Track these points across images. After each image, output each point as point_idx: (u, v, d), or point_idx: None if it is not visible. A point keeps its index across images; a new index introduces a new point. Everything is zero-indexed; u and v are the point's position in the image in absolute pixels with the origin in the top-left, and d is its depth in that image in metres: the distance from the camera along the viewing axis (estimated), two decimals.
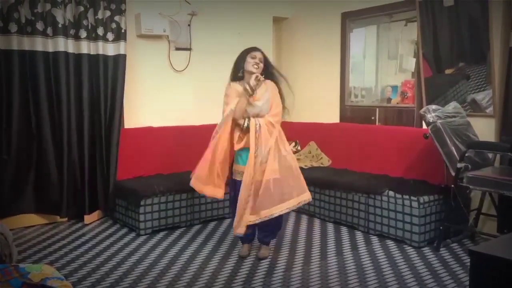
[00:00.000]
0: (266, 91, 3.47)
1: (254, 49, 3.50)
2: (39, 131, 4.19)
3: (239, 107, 3.40)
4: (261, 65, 3.47)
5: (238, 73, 3.51)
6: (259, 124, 3.39)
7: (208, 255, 3.64)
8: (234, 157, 3.58)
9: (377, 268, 3.36)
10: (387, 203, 3.93)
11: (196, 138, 4.80)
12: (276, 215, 3.37)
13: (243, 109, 3.40)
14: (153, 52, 4.82)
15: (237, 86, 3.49)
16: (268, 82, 3.50)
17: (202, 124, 4.92)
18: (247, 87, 3.37)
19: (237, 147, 3.48)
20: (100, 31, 4.33)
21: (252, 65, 3.43)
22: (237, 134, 3.48)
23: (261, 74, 3.44)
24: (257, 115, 3.43)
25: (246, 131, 3.42)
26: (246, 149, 3.43)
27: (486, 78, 3.97)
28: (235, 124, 3.47)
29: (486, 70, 3.95)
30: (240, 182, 3.44)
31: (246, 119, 3.42)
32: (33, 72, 4.10)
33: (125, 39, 4.42)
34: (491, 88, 3.94)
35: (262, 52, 3.51)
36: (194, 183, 3.54)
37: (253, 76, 3.38)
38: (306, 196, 3.45)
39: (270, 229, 3.59)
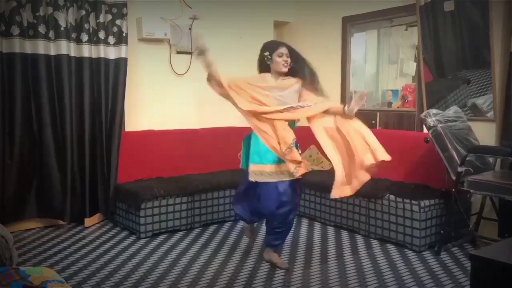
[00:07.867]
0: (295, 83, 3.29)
1: (279, 44, 3.29)
2: (41, 134, 4.19)
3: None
4: (289, 60, 3.25)
5: (263, 70, 3.33)
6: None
7: (208, 259, 3.63)
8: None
9: (377, 272, 3.36)
10: (388, 207, 3.92)
11: (196, 141, 4.83)
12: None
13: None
14: (154, 56, 4.83)
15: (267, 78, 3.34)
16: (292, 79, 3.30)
17: (202, 127, 4.93)
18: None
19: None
20: (101, 34, 4.34)
21: (282, 64, 3.24)
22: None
23: (288, 71, 3.28)
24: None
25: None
26: None
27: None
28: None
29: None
30: (257, 184, 3.26)
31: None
32: (35, 75, 4.10)
33: (126, 42, 4.43)
34: (492, 93, 3.95)
35: (287, 46, 3.29)
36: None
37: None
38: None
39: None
